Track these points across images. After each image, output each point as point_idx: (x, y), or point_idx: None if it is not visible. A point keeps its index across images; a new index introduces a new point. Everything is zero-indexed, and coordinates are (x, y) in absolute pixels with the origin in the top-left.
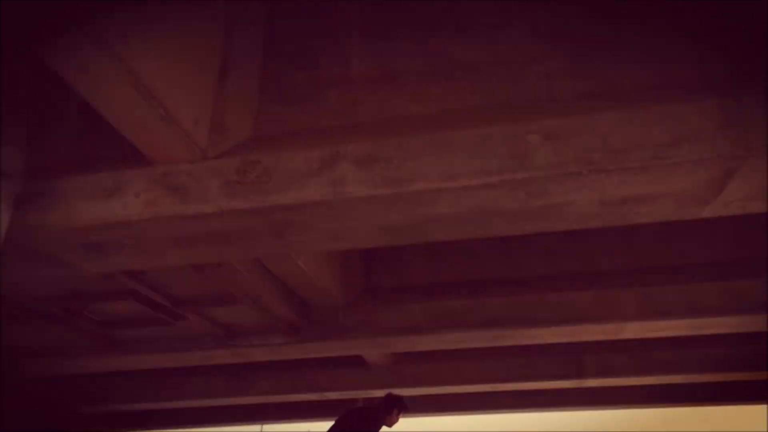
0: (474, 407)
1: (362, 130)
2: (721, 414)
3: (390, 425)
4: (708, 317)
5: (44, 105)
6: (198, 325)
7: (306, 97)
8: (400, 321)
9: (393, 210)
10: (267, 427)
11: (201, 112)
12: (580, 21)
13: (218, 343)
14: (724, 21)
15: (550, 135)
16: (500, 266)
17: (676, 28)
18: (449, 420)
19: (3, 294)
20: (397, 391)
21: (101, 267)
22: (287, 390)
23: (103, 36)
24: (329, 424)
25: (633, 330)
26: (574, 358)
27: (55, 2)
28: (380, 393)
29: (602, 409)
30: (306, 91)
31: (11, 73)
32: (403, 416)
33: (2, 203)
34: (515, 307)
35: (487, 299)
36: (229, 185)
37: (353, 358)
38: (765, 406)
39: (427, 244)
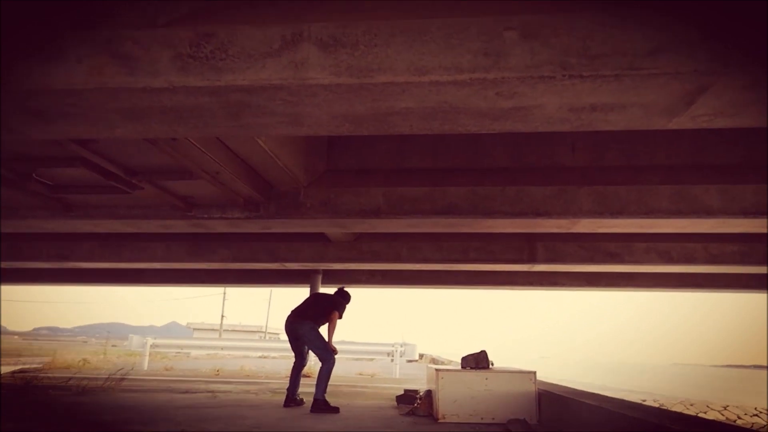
0: (431, 282)
1: (329, 8)
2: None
3: (341, 315)
4: (657, 218)
5: None
6: (156, 196)
7: None
8: (361, 204)
9: (357, 101)
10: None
11: None
12: None
13: (177, 214)
14: None
15: (528, 34)
16: (465, 156)
17: None
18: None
19: None
20: (355, 266)
21: (46, 134)
22: (248, 259)
23: None
24: (290, 289)
25: (585, 225)
26: (527, 245)
27: None
28: (340, 267)
29: (549, 290)
30: None
31: None
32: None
33: None
34: (475, 198)
35: (449, 188)
36: (181, 59)
37: (315, 233)
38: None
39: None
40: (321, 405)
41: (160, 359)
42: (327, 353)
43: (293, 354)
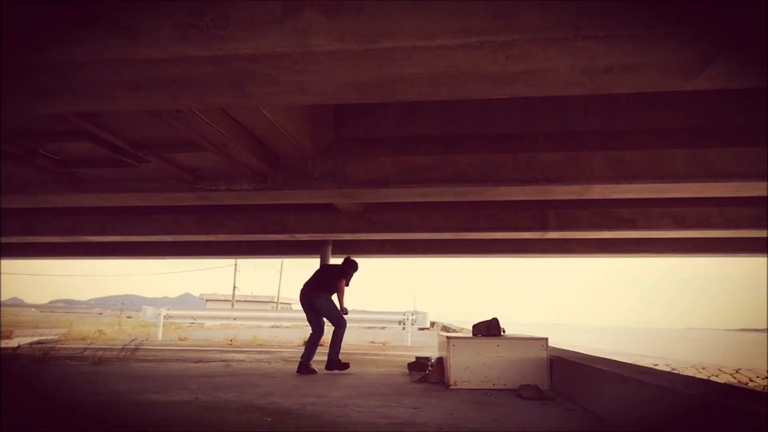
0: (442, 251)
1: None
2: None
3: (348, 283)
4: (673, 182)
5: None
6: (162, 169)
7: None
8: (370, 173)
9: (362, 67)
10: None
11: None
12: None
13: (185, 186)
14: None
15: None
16: (475, 123)
17: None
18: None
19: None
20: (365, 236)
21: (50, 108)
22: (258, 231)
23: None
24: (300, 260)
25: (599, 191)
26: (539, 213)
27: None
28: (349, 237)
29: (562, 257)
30: None
31: None
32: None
33: None
34: (486, 165)
35: (459, 156)
36: (182, 28)
37: (324, 204)
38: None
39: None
40: (334, 363)
41: (174, 330)
42: (340, 320)
43: (308, 325)
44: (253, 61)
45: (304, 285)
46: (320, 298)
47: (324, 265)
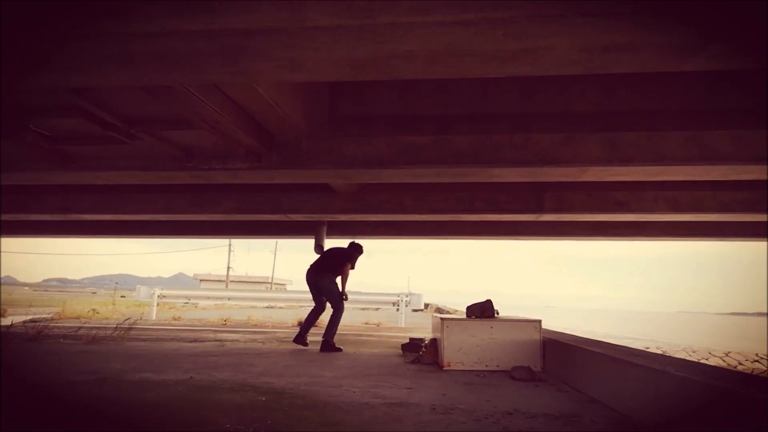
0: (437, 233)
1: None
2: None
3: (354, 266)
4: (668, 165)
5: None
6: (155, 147)
7: None
8: (365, 153)
9: (358, 43)
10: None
11: None
12: None
13: (177, 165)
14: None
15: None
16: (471, 102)
17: None
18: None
19: None
20: (361, 217)
21: (40, 83)
22: (252, 211)
23: None
24: (294, 241)
25: (594, 173)
26: (534, 195)
27: None
28: (344, 218)
29: (556, 240)
30: None
31: None
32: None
33: None
34: (482, 146)
35: (454, 136)
36: (174, 0)
37: (319, 184)
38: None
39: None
40: (329, 345)
41: (168, 309)
42: (340, 303)
43: (310, 302)
44: (246, 36)
45: (311, 266)
46: (325, 279)
47: (330, 249)
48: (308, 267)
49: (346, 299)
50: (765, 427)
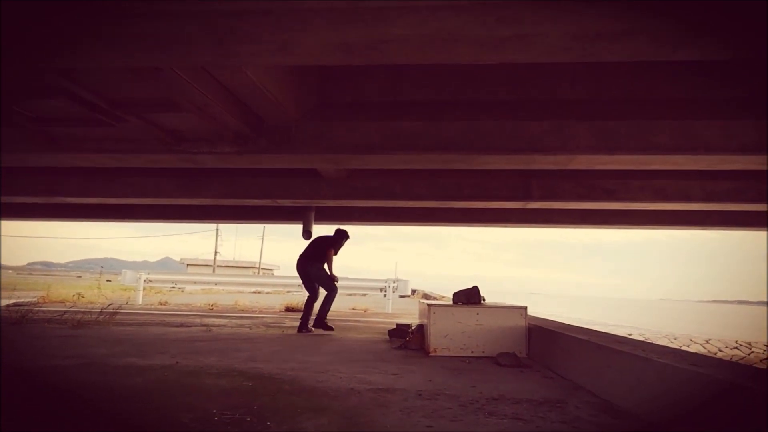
0: (425, 219)
1: None
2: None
3: (337, 252)
4: (657, 154)
5: None
6: (143, 129)
7: None
8: (355, 138)
9: (350, 27)
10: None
11: None
12: None
13: (165, 148)
14: None
15: None
16: (461, 90)
17: None
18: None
19: None
20: (349, 203)
21: (25, 63)
22: (240, 195)
23: None
24: (283, 226)
25: (582, 162)
26: (522, 182)
27: None
28: (333, 204)
29: (543, 227)
30: None
31: None
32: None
33: None
34: (471, 133)
35: (444, 123)
36: None
37: (307, 170)
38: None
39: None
40: (321, 323)
41: (155, 294)
42: (331, 286)
43: (298, 288)
44: (236, 18)
45: (300, 256)
46: (314, 267)
47: (317, 237)
48: (298, 256)
49: (337, 281)
50: (744, 412)
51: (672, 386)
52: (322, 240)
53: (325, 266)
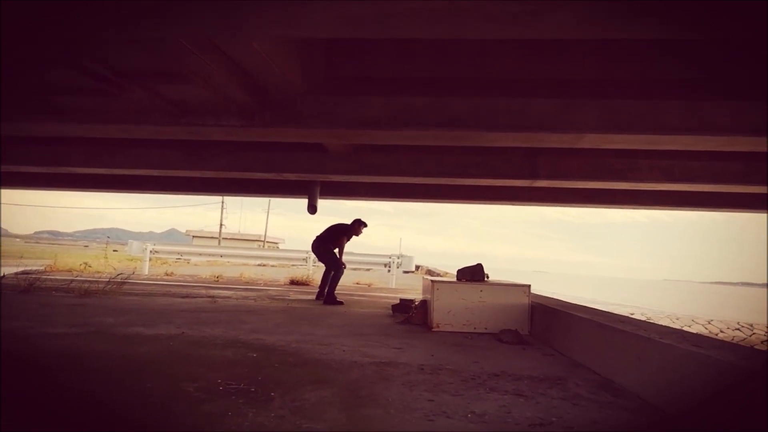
0: (431, 196)
1: None
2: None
3: (358, 234)
4: (666, 134)
5: None
6: (147, 100)
7: None
8: (361, 113)
9: None
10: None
11: None
12: None
13: (171, 120)
14: None
15: None
16: (469, 66)
17: None
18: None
19: None
20: (355, 178)
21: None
22: (245, 168)
23: None
24: (289, 200)
25: (590, 141)
26: (528, 161)
27: None
28: (338, 178)
29: (550, 206)
30: None
31: None
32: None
33: None
34: (478, 110)
35: (452, 99)
36: None
37: (313, 144)
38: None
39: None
40: (330, 298)
41: (160, 265)
42: (338, 266)
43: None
44: None
45: (316, 237)
46: (325, 248)
47: (335, 224)
48: (314, 238)
49: (344, 267)
50: (744, 393)
51: (673, 366)
52: (339, 227)
53: (336, 251)
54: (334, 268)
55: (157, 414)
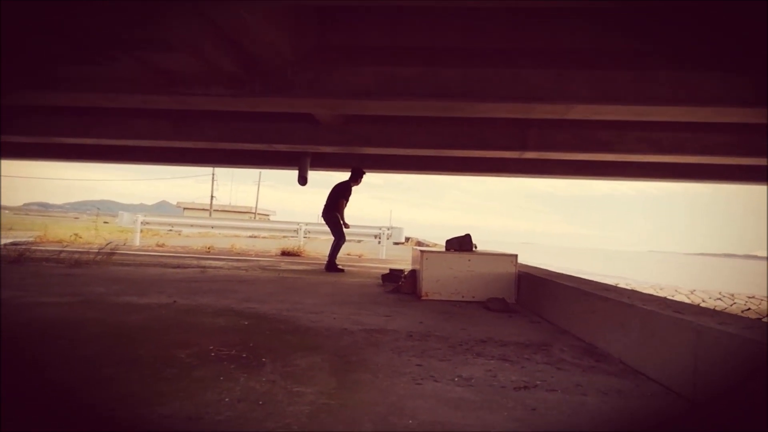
0: (422, 168)
1: None
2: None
3: (357, 184)
4: (656, 105)
5: None
6: (135, 69)
7: None
8: (351, 83)
9: None
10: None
11: None
12: None
13: (159, 89)
14: None
15: None
16: (460, 35)
17: None
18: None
19: None
20: (346, 149)
21: None
22: (235, 139)
23: None
24: (280, 172)
25: (580, 111)
26: (519, 132)
27: None
28: (329, 150)
29: (539, 178)
30: None
31: None
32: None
33: None
34: (469, 80)
35: (442, 69)
36: None
37: (304, 115)
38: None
39: (386, 4)
40: (332, 266)
41: (152, 236)
42: (340, 234)
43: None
44: None
45: (324, 206)
46: (330, 214)
47: (334, 186)
48: (323, 207)
49: (347, 227)
50: (724, 357)
51: (655, 331)
52: (336, 189)
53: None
54: (337, 236)
55: (146, 380)
